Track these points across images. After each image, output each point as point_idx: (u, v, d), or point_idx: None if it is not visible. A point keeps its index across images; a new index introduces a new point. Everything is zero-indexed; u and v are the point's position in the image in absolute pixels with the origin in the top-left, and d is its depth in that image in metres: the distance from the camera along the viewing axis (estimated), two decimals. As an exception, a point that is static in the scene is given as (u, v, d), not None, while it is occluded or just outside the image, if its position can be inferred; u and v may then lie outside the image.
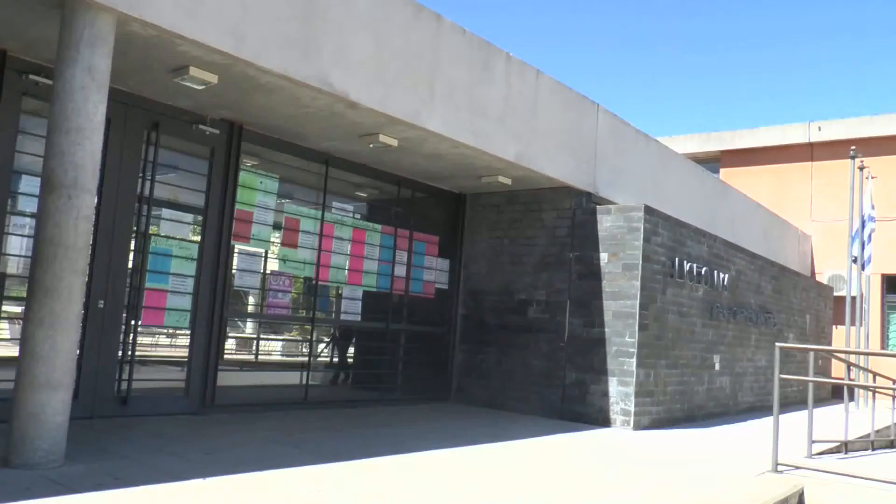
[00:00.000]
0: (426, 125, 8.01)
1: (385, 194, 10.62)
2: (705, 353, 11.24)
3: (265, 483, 5.06)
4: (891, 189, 18.47)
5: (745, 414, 12.27)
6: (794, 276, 15.83)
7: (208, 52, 6.14)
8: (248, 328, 12.58)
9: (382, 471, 5.81)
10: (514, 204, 10.73)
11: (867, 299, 16.14)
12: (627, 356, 9.36)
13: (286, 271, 9.15)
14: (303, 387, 9.25)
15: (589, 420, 9.49)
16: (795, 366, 13.87)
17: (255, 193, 8.58)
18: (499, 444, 7.50)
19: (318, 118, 7.85)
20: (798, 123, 20.80)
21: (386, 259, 10.32)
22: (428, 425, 8.59)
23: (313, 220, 9.32)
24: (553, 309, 10.11)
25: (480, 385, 10.69)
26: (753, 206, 16.94)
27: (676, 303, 10.33)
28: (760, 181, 20.78)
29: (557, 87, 9.86)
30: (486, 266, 10.95)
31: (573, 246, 10.05)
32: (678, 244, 10.36)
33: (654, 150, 12.38)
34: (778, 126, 21.16)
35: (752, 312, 12.99)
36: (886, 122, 19.44)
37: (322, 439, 7.09)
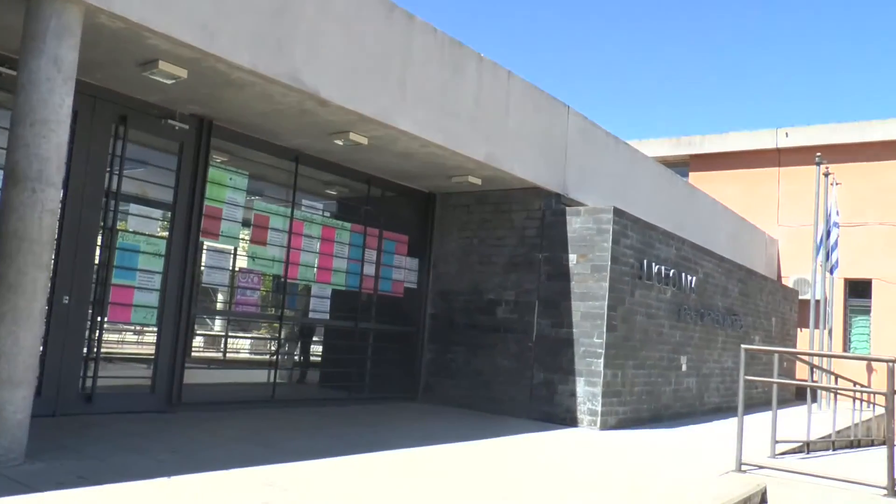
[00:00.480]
0: (397, 124, 8.01)
1: (355, 193, 10.60)
2: (672, 354, 11.35)
3: (231, 482, 5.03)
4: (854, 196, 18.77)
5: (711, 414, 12.40)
6: (761, 279, 16.03)
7: (178, 46, 6.08)
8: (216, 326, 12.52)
9: (350, 469, 5.80)
10: (483, 204, 10.75)
11: (831, 303, 16.38)
12: (595, 357, 9.42)
13: (255, 269, 9.10)
14: (270, 385, 9.20)
15: (556, 420, 9.54)
16: (761, 367, 14.04)
17: (224, 190, 8.52)
18: (466, 443, 7.51)
19: (288, 115, 7.81)
20: (766, 129, 21.11)
21: (355, 258, 10.29)
22: (395, 425, 8.58)
23: (283, 218, 9.27)
24: (522, 309, 10.15)
25: (449, 385, 10.70)
26: (722, 210, 17.14)
27: (644, 304, 10.41)
28: (729, 185, 21.01)
29: (528, 89, 9.90)
30: (455, 266, 10.96)
31: (542, 247, 10.09)
32: (647, 246, 10.45)
33: (624, 152, 12.48)
34: (747, 132, 21.44)
35: (719, 314, 13.14)
36: (851, 130, 19.79)
37: (289, 438, 7.06)
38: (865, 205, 19.32)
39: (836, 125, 20.09)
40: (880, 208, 19.31)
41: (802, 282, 19.22)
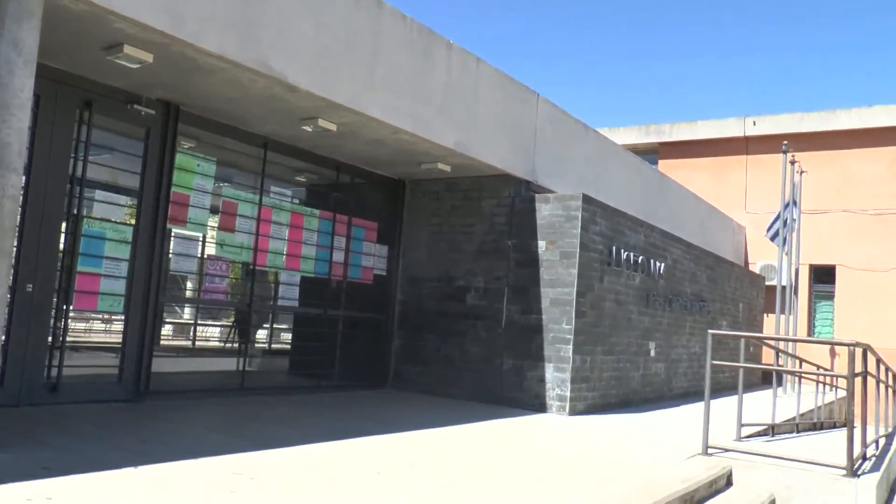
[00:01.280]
0: (366, 110, 7.97)
1: (324, 179, 10.56)
2: (641, 339, 11.45)
3: (200, 471, 5.00)
4: (820, 184, 19.03)
5: (679, 399, 12.55)
6: (729, 265, 16.22)
7: (143, 30, 5.99)
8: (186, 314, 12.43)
9: (320, 457, 5.80)
10: (453, 191, 10.75)
11: (796, 289, 16.60)
12: (564, 343, 9.48)
13: (223, 256, 9.03)
14: (239, 373, 9.15)
15: (526, 406, 9.59)
16: (728, 352, 14.21)
17: (192, 176, 8.43)
18: (435, 430, 7.54)
19: (257, 101, 7.75)
20: (734, 118, 21.29)
21: (324, 245, 10.25)
22: (365, 412, 8.59)
23: (251, 205, 9.20)
24: (491, 296, 10.18)
25: (418, 371, 10.72)
26: (690, 197, 17.29)
27: (613, 291, 10.49)
28: (698, 173, 21.20)
29: (498, 76, 9.90)
30: (424, 253, 10.97)
31: (512, 234, 10.12)
32: (616, 233, 10.52)
33: (594, 140, 12.53)
34: (715, 120, 21.61)
35: (688, 300, 13.27)
36: (816, 119, 20.05)
37: (258, 426, 7.05)
38: (830, 193, 19.60)
39: (803, 114, 20.34)
40: (844, 196, 19.60)
41: (769, 268, 19.47)
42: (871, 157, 19.51)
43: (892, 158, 19.33)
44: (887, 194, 19.23)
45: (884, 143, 19.35)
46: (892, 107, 19.37)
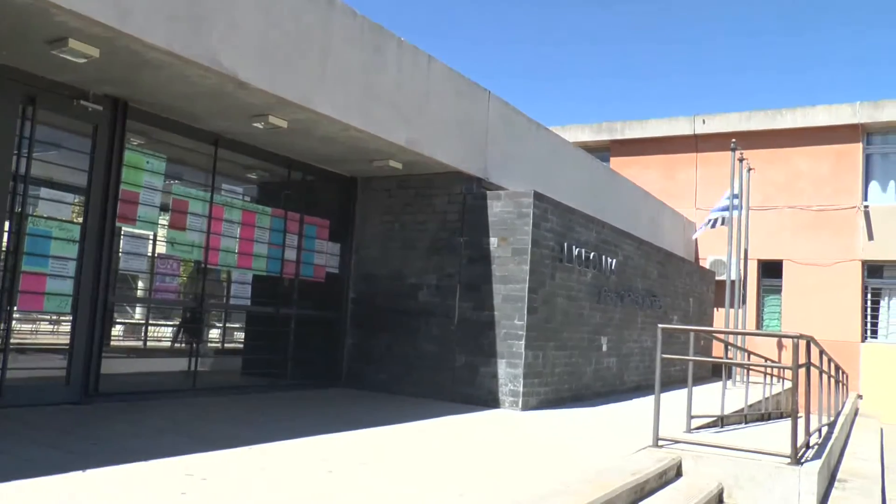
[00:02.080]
0: (317, 107, 7.95)
1: (276, 177, 10.49)
2: (593, 335, 11.58)
3: (150, 473, 4.94)
4: (767, 181, 19.45)
5: (631, 393, 12.71)
6: (679, 261, 16.47)
7: (89, 24, 5.88)
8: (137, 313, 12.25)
9: (272, 456, 5.77)
10: (405, 188, 10.76)
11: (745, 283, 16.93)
12: (516, 339, 9.55)
13: (174, 254, 8.93)
14: (191, 373, 9.06)
15: (479, 402, 9.64)
16: (680, 346, 14.38)
17: (141, 174, 8.32)
18: (386, 427, 7.54)
19: (207, 97, 7.67)
20: (684, 116, 21.67)
21: (276, 243, 10.19)
22: (318, 410, 8.56)
23: (202, 203, 9.11)
24: (444, 293, 10.21)
25: (372, 369, 10.71)
26: (642, 194, 17.52)
27: (565, 287, 10.59)
28: (649, 170, 21.51)
29: (449, 74, 9.94)
30: (377, 250, 10.96)
31: (464, 231, 10.16)
32: (567, 230, 10.61)
33: (546, 138, 12.63)
34: (665, 118, 21.97)
35: (639, 296, 13.45)
36: (763, 117, 20.52)
37: (210, 426, 6.99)
38: (777, 189, 20.05)
39: (750, 113, 20.77)
40: (790, 193, 20.07)
41: (719, 263, 19.81)
42: (814, 154, 20.01)
43: (834, 156, 19.84)
44: (830, 191, 19.74)
45: (826, 142, 19.87)
46: (833, 106, 19.89)
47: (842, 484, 7.78)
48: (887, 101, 19.38)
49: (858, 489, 7.54)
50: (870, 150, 19.95)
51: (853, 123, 19.59)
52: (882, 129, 19.77)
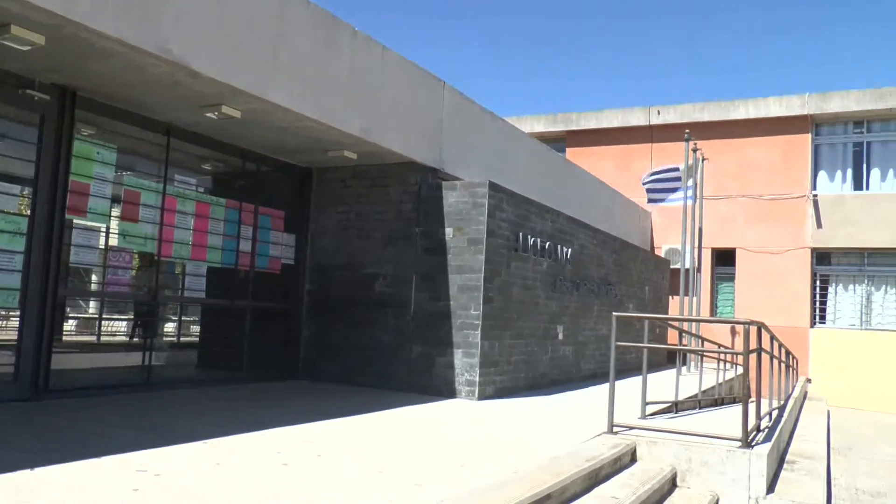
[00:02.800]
0: (270, 97, 7.88)
1: (230, 167, 10.38)
2: (549, 323, 11.67)
3: (102, 470, 4.87)
4: (720, 170, 19.77)
5: (587, 380, 12.84)
6: (635, 249, 16.65)
7: (32, 10, 5.73)
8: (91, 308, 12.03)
9: (225, 450, 5.74)
10: (360, 179, 10.73)
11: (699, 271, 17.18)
12: (472, 328, 9.59)
13: (127, 247, 8.80)
14: (145, 368, 8.95)
15: (435, 392, 9.67)
16: (635, 334, 14.57)
17: (91, 164, 8.17)
18: (343, 419, 7.53)
19: (158, 87, 7.55)
20: (639, 107, 21.91)
21: (231, 234, 10.10)
22: (273, 403, 8.53)
23: (155, 194, 8.99)
24: (400, 283, 10.22)
25: (329, 361, 10.68)
26: (597, 184, 17.67)
27: (521, 276, 10.65)
28: (604, 160, 21.71)
29: (403, 64, 9.92)
30: (333, 241, 10.92)
31: (419, 221, 10.17)
32: (523, 219, 10.67)
33: (501, 128, 12.68)
34: (620, 109, 22.19)
35: (595, 284, 13.58)
36: (716, 108, 20.87)
37: (164, 421, 6.91)
38: (730, 179, 20.39)
39: (704, 104, 21.09)
40: (743, 182, 20.43)
41: (673, 251, 20.09)
42: (766, 145, 20.39)
43: (784, 146, 20.24)
44: (781, 180, 20.13)
45: (777, 132, 20.27)
46: (784, 98, 20.29)
47: (790, 465, 7.96)
48: (834, 92, 19.84)
49: (805, 470, 7.72)
50: (818, 141, 20.39)
51: (802, 115, 20.03)
52: (830, 120, 20.24)
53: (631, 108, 22.04)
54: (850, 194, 19.96)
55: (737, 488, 6.61)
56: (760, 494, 6.51)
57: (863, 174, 19.99)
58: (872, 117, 19.88)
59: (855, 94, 19.64)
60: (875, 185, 19.90)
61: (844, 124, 20.31)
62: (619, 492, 5.80)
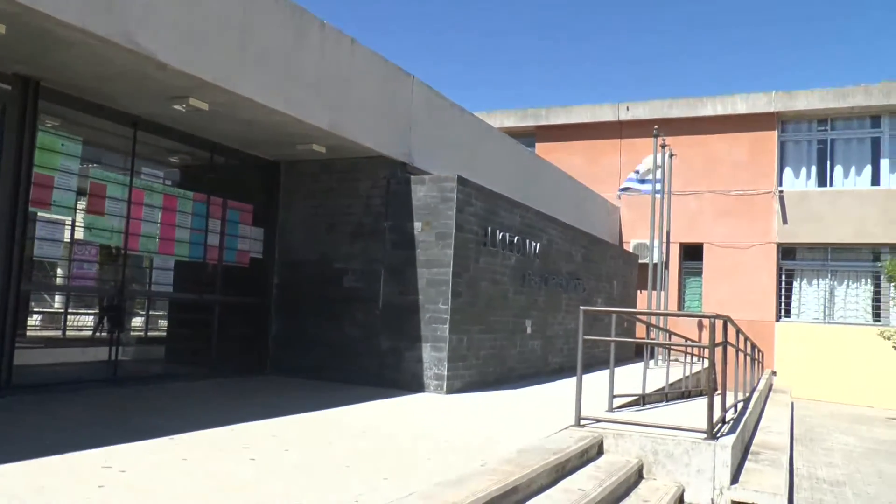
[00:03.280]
0: (238, 90, 7.83)
1: (198, 160, 10.30)
2: (517, 318, 11.72)
3: (66, 467, 4.81)
4: (688, 166, 19.98)
5: (556, 374, 12.91)
6: (603, 244, 16.76)
7: (-8, -2, 5.65)
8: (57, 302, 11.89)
9: (192, 445, 5.71)
10: (329, 173, 10.70)
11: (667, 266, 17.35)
12: (441, 322, 9.61)
13: (92, 240, 8.70)
14: (112, 363, 8.86)
15: (404, 386, 9.69)
16: (604, 328, 14.68)
17: (56, 157, 8.06)
18: (310, 413, 7.51)
19: (124, 78, 7.47)
20: (608, 103, 22.05)
21: (199, 228, 10.03)
22: (241, 398, 8.49)
23: (121, 186, 8.89)
24: (368, 278, 10.21)
25: (297, 356, 10.65)
26: (566, 179, 17.76)
27: (490, 270, 10.69)
28: (574, 156, 21.83)
29: (372, 57, 9.89)
30: (301, 235, 10.88)
31: (388, 215, 10.16)
32: (491, 214, 10.70)
33: (470, 123, 12.69)
34: (589, 105, 22.33)
35: (563, 279, 13.65)
36: (684, 105, 21.08)
37: (131, 416, 6.86)
38: (697, 175, 20.62)
39: (672, 100, 21.29)
40: (710, 178, 20.67)
41: (642, 246, 20.26)
42: (733, 141, 20.64)
43: (751, 143, 20.50)
44: (748, 177, 20.40)
45: (744, 129, 20.54)
46: (751, 95, 20.56)
47: (755, 456, 8.08)
48: (800, 91, 20.15)
49: (769, 461, 7.84)
50: (784, 138, 20.68)
51: (769, 112, 20.31)
52: (795, 117, 20.55)
53: (600, 103, 22.19)
54: (814, 190, 20.27)
55: (702, 479, 6.70)
56: (725, 485, 6.61)
57: (827, 171, 20.31)
58: (836, 115, 20.21)
59: (819, 92, 19.95)
60: (838, 182, 20.22)
61: (809, 122, 20.63)
62: (585, 484, 5.85)
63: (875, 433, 14.46)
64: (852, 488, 9.65)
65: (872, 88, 19.57)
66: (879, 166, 19.85)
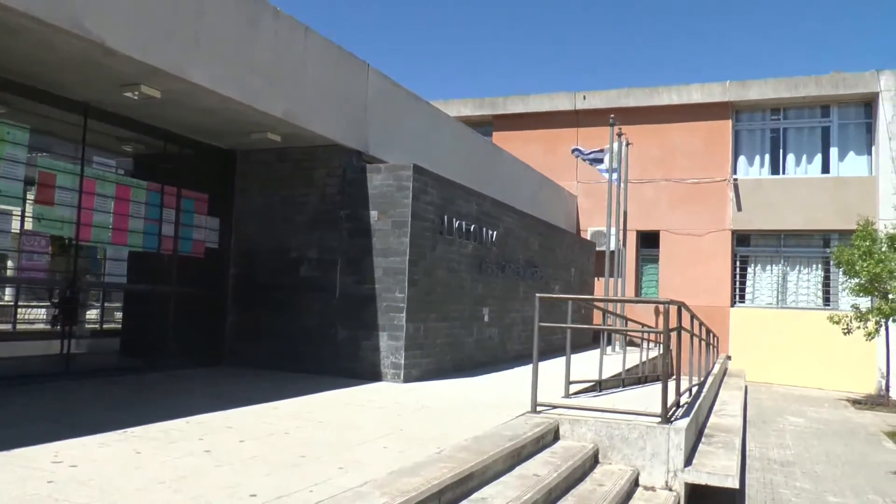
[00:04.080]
0: (191, 77, 7.73)
1: (151, 149, 10.13)
2: (475, 306, 11.76)
3: (14, 462, 4.72)
4: (644, 154, 20.16)
5: (513, 362, 12.97)
6: (560, 232, 16.87)
7: (-70, -17, 5.51)
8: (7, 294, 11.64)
9: (146, 438, 5.65)
10: (285, 161, 10.61)
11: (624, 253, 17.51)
12: (397, 311, 9.61)
13: (42, 230, 8.53)
14: (64, 356, 8.72)
15: (361, 375, 9.67)
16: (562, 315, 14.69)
17: (2, 145, 7.88)
18: (268, 404, 7.49)
19: (73, 65, 7.31)
20: (565, 92, 22.14)
21: (152, 217, 9.89)
22: (199, 390, 8.42)
23: (72, 176, 8.72)
24: (325, 267, 10.16)
25: (255, 346, 10.58)
26: (523, 168, 17.82)
27: (446, 259, 10.70)
28: (531, 144, 21.91)
29: (327, 46, 9.82)
30: (257, 225, 10.79)
31: (344, 204, 10.12)
32: (448, 202, 10.71)
33: (426, 112, 12.67)
34: (547, 94, 22.44)
35: (520, 267, 13.72)
36: (641, 94, 21.29)
37: (83, 410, 6.75)
38: (654, 163, 20.85)
39: (629, 90, 21.47)
40: (666, 167, 20.92)
41: (599, 234, 20.44)
42: (688, 130, 20.90)
43: (706, 132, 20.78)
44: (703, 165, 20.68)
45: (700, 118, 20.82)
46: (706, 85, 20.83)
47: (708, 439, 8.23)
48: (753, 81, 20.47)
49: (722, 443, 7.99)
50: (738, 127, 21.00)
51: (724, 101, 20.61)
52: (749, 107, 20.87)
53: (557, 92, 22.30)
54: (768, 178, 20.63)
55: (656, 462, 6.81)
56: (679, 467, 6.72)
57: (779, 159, 20.69)
58: (788, 105, 20.57)
59: (772, 82, 20.28)
60: (791, 170, 20.60)
61: (763, 111, 20.98)
62: (541, 469, 5.91)
63: (824, 414, 14.81)
64: (801, 468, 9.89)
65: (823, 79, 19.95)
66: (829, 155, 20.26)
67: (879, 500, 8.42)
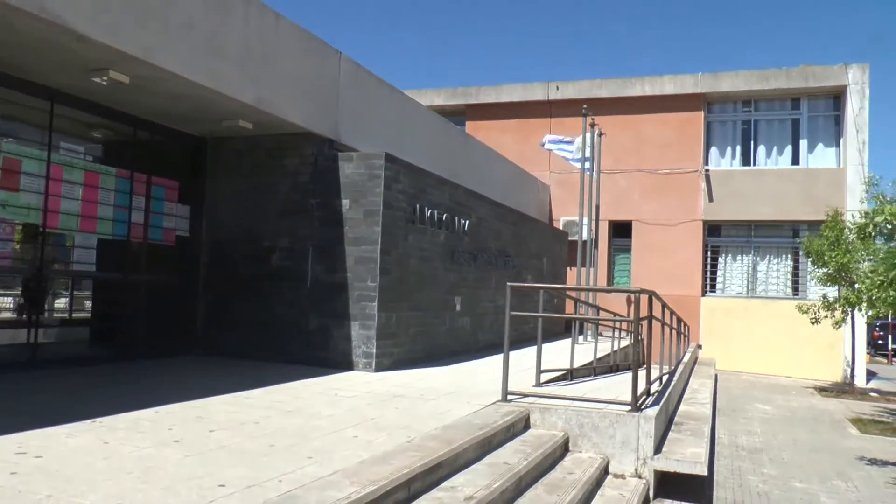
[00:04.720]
0: (160, 63, 7.63)
1: (121, 136, 10.00)
2: (447, 295, 11.76)
3: (-26, 451, 4.66)
4: (616, 145, 20.24)
5: (485, 351, 13.00)
6: (533, 222, 16.91)
7: None
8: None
9: (113, 429, 5.60)
10: (256, 149, 10.53)
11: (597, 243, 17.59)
12: (369, 300, 9.59)
13: (7, 217, 8.40)
14: (31, 346, 8.60)
15: (333, 364, 9.65)
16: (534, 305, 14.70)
17: (-36, 130, 7.78)
18: (239, 393, 7.46)
19: (38, 49, 7.19)
20: (538, 82, 22.20)
21: (122, 205, 9.77)
22: (169, 379, 8.37)
23: (38, 162, 8.59)
24: (297, 256, 10.12)
25: (226, 335, 10.51)
26: (496, 158, 17.82)
27: (418, 248, 10.69)
28: (504, 134, 21.94)
29: (298, 32, 9.74)
30: (229, 212, 10.71)
31: (316, 192, 10.07)
32: (420, 191, 10.69)
33: (399, 100, 12.63)
34: (520, 84, 22.44)
35: (493, 256, 13.74)
36: (614, 85, 21.39)
37: (50, 401, 6.68)
38: (626, 153, 20.94)
39: (602, 80, 21.55)
40: (638, 157, 21.03)
41: (571, 224, 20.50)
42: (661, 121, 21.01)
43: (679, 123, 20.91)
44: (675, 156, 20.82)
45: (672, 110, 20.95)
46: (678, 77, 20.97)
47: (678, 427, 8.31)
48: (725, 73, 20.65)
49: (691, 430, 8.07)
50: (710, 118, 21.17)
51: (696, 93, 20.76)
52: (721, 98, 21.04)
53: (530, 83, 22.33)
54: (738, 169, 20.83)
55: (626, 450, 6.87)
56: (648, 455, 6.78)
57: (750, 150, 20.88)
58: (759, 97, 20.77)
59: (743, 74, 20.46)
60: (761, 161, 20.80)
61: (734, 103, 21.17)
62: (511, 458, 5.93)
63: (791, 402, 15.01)
64: (769, 454, 10.03)
65: (793, 72, 20.15)
66: (799, 146, 20.49)
67: (842, 485, 8.56)
